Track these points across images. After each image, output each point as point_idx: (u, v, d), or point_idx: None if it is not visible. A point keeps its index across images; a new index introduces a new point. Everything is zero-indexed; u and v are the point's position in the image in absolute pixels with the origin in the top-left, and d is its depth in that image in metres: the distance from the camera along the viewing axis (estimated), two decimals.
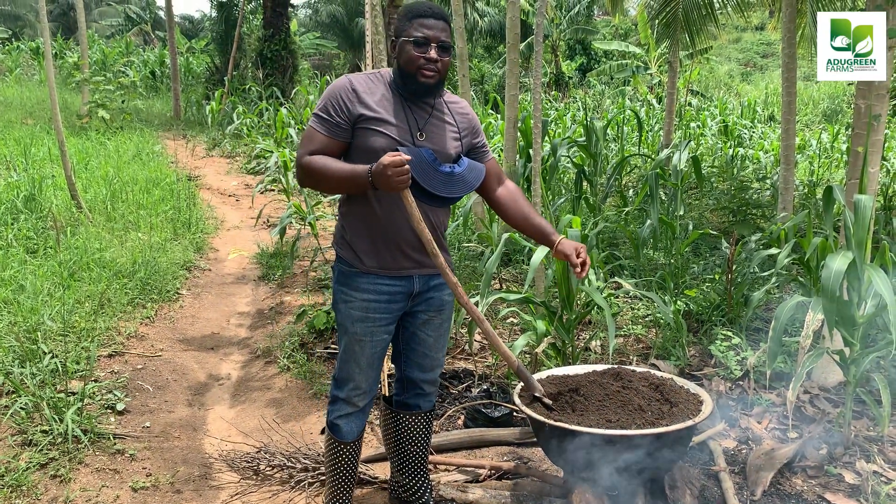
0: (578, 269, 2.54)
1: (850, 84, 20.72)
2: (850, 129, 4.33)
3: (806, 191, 8.85)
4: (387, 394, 2.94)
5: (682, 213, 6.18)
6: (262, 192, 9.26)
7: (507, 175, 6.22)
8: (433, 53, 2.36)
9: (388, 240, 2.47)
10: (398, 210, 2.41)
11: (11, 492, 3.03)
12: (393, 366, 2.87)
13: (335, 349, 4.65)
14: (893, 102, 12.96)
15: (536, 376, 2.82)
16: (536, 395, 2.59)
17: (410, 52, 2.36)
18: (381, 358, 2.63)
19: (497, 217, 6.28)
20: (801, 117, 19.93)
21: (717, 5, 9.63)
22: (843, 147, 12.29)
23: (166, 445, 3.61)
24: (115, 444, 3.49)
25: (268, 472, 3.31)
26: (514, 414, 3.64)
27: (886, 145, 11.19)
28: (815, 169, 11.43)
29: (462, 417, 3.76)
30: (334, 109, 2.39)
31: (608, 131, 11.02)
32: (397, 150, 2.29)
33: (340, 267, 2.57)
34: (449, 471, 3.24)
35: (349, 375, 2.61)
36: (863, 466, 3.06)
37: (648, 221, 5.66)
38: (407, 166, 2.22)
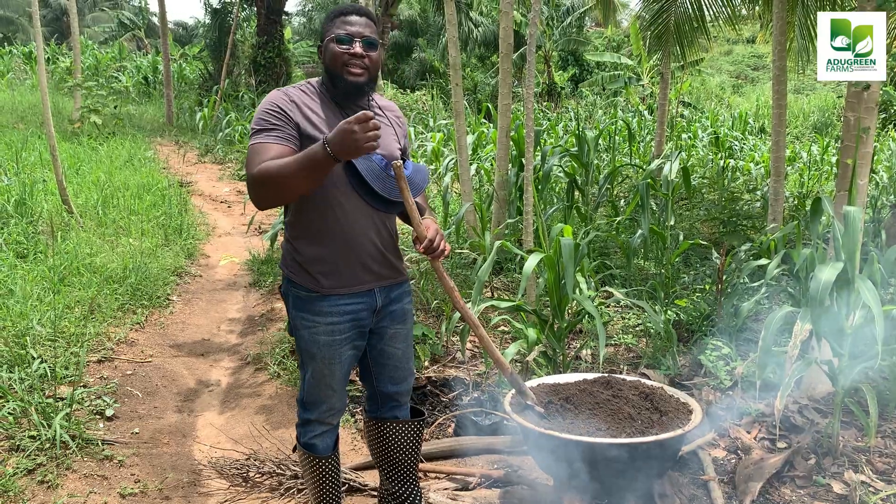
0: (422, 246, 2.34)
1: (839, 96, 20.90)
2: (839, 142, 4.36)
3: (796, 202, 8.91)
4: None
5: (672, 223, 6.21)
6: None
7: (499, 184, 6.26)
8: (358, 48, 2.30)
9: (346, 254, 2.38)
10: (356, 219, 2.35)
11: None
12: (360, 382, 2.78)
13: None
14: (882, 115, 13.07)
15: (527, 384, 2.83)
16: (528, 402, 2.59)
17: (334, 50, 2.30)
18: (349, 374, 2.55)
19: (489, 225, 6.32)
20: (792, 129, 20.07)
21: (708, 18, 9.69)
22: (833, 159, 12.37)
23: (155, 452, 3.59)
24: (103, 449, 3.47)
25: (257, 479, 3.30)
26: (505, 422, 3.65)
27: (875, 158, 11.28)
28: (806, 181, 11.51)
29: (452, 425, 3.75)
30: (277, 118, 2.27)
31: (600, 141, 11.05)
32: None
33: (296, 292, 2.43)
34: (439, 479, 3.24)
35: (321, 399, 2.52)
36: (851, 476, 3.08)
37: (639, 231, 5.69)
38: (374, 119, 2.05)
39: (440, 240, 2.36)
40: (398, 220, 2.54)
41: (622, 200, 8.29)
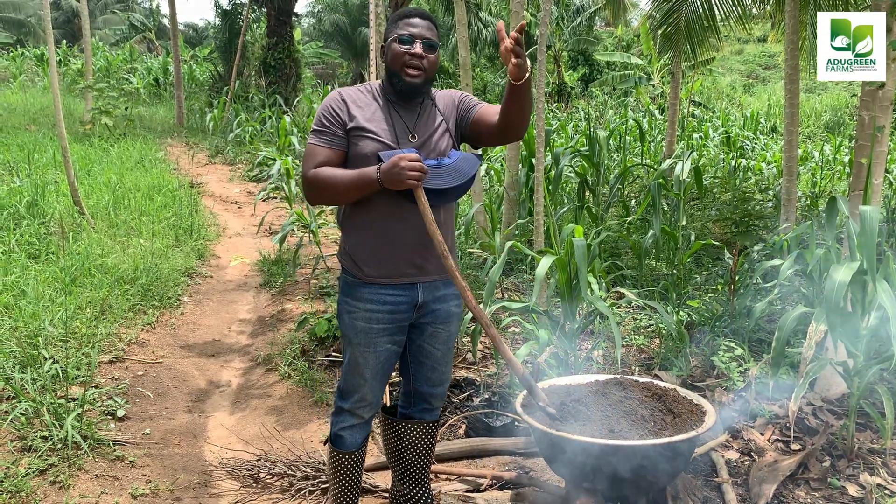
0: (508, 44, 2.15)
1: (853, 95, 20.75)
2: (852, 141, 4.33)
3: (808, 202, 8.84)
4: (388, 403, 2.92)
5: (684, 223, 6.18)
6: (264, 200, 9.27)
7: (510, 185, 6.24)
8: (418, 49, 2.40)
9: (389, 246, 2.46)
10: (400, 214, 2.42)
11: (10, 497, 3.01)
12: (399, 377, 2.85)
13: (336, 357, 4.64)
14: None
15: (539, 385, 2.81)
16: (540, 403, 2.57)
17: (396, 50, 2.41)
18: (386, 370, 2.60)
19: (500, 226, 6.30)
20: (804, 129, 19.94)
21: (718, 17, 9.63)
22: (846, 159, 12.28)
23: (166, 452, 3.60)
24: (114, 450, 3.48)
25: (268, 480, 3.30)
26: (516, 423, 3.63)
27: (889, 157, 11.19)
28: (818, 180, 11.43)
29: (463, 427, 3.74)
30: (328, 121, 2.43)
31: (610, 142, 11.02)
32: (379, 154, 2.35)
33: (344, 277, 2.57)
34: (450, 480, 3.23)
35: (354, 387, 2.59)
36: (866, 479, 3.05)
37: (651, 231, 5.66)
38: (420, 162, 2.26)
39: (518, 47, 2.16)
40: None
41: (633, 200, 8.26)
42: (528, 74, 2.25)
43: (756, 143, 15.07)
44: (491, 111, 2.54)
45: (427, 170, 2.29)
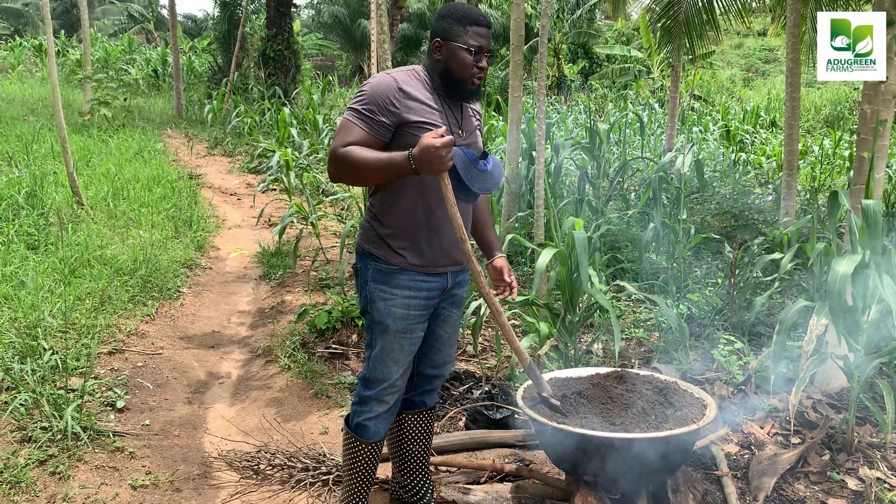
0: (503, 290, 2.69)
1: (854, 89, 20.73)
2: (853, 135, 4.32)
3: (808, 196, 8.83)
4: None
5: (684, 216, 6.17)
6: (263, 192, 9.25)
7: (510, 178, 6.23)
8: (485, 63, 2.43)
9: (431, 238, 2.48)
10: (444, 209, 2.39)
11: (10, 488, 3.01)
12: None
13: (336, 349, 4.64)
14: None
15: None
16: (545, 395, 2.58)
17: (466, 60, 2.40)
18: (414, 354, 2.64)
19: (500, 218, 6.29)
20: (804, 123, 19.92)
21: (718, 11, 9.60)
22: (846, 153, 12.27)
23: (166, 444, 3.60)
24: (114, 441, 3.48)
25: (268, 472, 3.30)
26: (516, 416, 3.63)
27: (889, 151, 11.18)
28: (818, 175, 11.42)
29: (463, 419, 3.74)
30: (379, 108, 2.35)
31: (610, 135, 11.00)
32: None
33: (376, 265, 2.52)
34: (450, 472, 3.23)
35: (385, 375, 2.58)
36: (866, 473, 3.05)
37: (651, 225, 5.65)
38: (452, 147, 2.24)
39: (513, 279, 2.70)
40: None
41: (633, 194, 8.25)
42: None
43: (756, 137, 15.05)
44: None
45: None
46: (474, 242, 2.77)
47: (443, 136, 2.19)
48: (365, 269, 2.57)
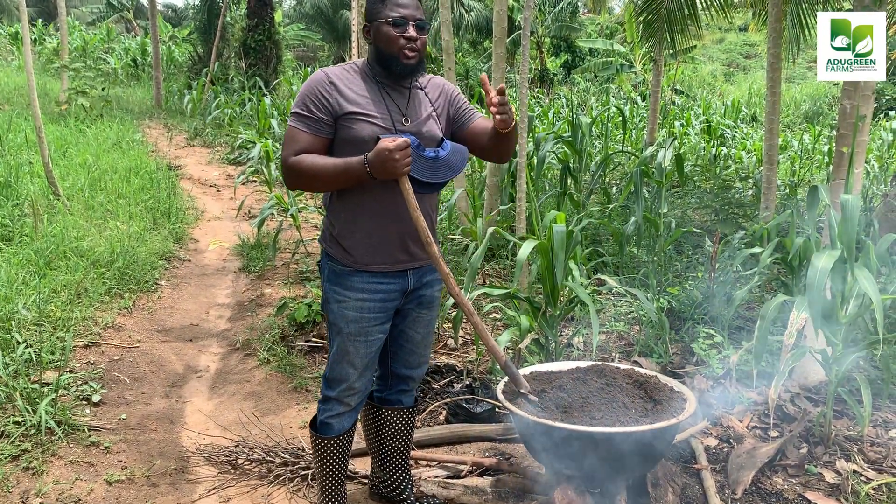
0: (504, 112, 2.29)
1: (833, 85, 20.91)
2: (832, 131, 4.34)
3: (788, 191, 8.90)
4: None
5: (665, 210, 6.18)
6: (243, 183, 9.18)
7: (492, 171, 6.21)
8: (412, 31, 2.32)
9: (385, 233, 2.40)
10: (393, 199, 2.34)
11: None
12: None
13: (316, 342, 4.60)
14: (874, 105, 13.05)
15: (520, 372, 2.79)
16: (522, 391, 2.56)
17: (390, 33, 2.31)
18: (374, 358, 2.56)
19: (482, 211, 6.28)
20: (784, 118, 20.08)
21: (700, 6, 9.64)
22: (825, 148, 12.38)
23: (142, 438, 3.55)
24: (89, 436, 3.43)
25: (246, 467, 3.27)
26: (497, 410, 3.62)
27: (867, 147, 11.29)
28: (797, 169, 11.51)
29: (444, 413, 3.73)
30: (315, 105, 2.31)
31: (592, 128, 11.01)
32: (380, 138, 2.23)
33: (331, 265, 2.48)
34: (430, 466, 3.22)
35: (343, 376, 2.53)
36: (843, 466, 3.07)
37: (632, 218, 5.66)
38: (409, 149, 2.19)
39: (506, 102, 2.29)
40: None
41: (615, 188, 8.27)
42: (514, 124, 2.31)
43: (737, 132, 15.14)
44: (485, 129, 2.51)
45: (410, 154, 2.22)
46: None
47: (395, 141, 2.15)
48: (323, 269, 2.53)
